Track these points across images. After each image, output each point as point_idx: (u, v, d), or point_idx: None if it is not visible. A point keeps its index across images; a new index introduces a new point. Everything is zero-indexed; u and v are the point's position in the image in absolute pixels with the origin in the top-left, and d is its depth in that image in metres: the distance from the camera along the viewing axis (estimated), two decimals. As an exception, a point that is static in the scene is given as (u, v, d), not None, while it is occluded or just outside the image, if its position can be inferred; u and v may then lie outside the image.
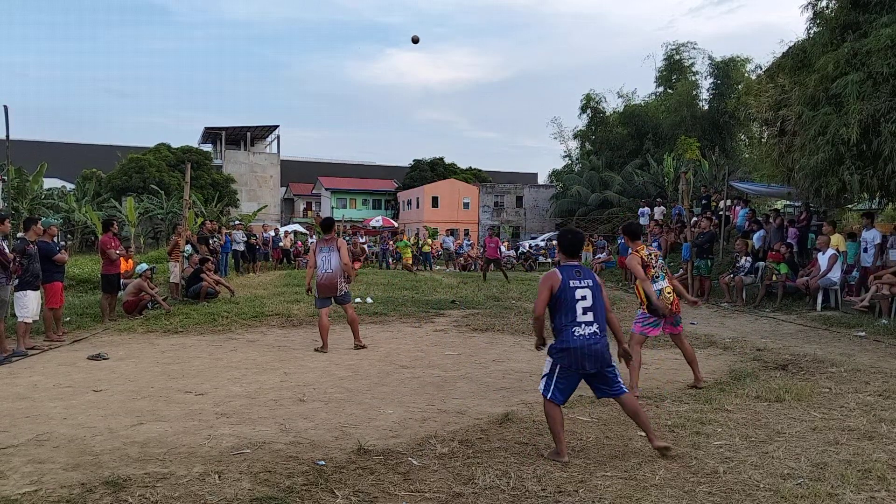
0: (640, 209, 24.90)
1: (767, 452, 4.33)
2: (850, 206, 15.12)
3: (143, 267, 11.94)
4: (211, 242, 16.43)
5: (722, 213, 17.74)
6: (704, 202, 19.84)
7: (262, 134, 61.13)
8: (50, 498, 3.62)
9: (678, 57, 43.83)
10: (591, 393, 6.00)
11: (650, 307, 6.11)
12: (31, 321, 8.38)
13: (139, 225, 33.65)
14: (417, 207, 52.47)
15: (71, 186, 40.49)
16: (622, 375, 4.62)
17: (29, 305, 8.28)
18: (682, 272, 14.89)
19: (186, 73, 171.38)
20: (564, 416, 5.23)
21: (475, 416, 5.35)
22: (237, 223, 23.06)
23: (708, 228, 14.48)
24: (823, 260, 11.53)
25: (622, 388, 4.49)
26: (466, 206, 51.01)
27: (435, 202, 50.92)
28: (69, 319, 10.23)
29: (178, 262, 12.88)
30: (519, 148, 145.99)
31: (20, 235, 8.77)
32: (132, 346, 8.69)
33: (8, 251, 7.84)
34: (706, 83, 42.45)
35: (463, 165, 62.26)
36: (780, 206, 21.12)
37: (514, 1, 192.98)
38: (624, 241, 10.90)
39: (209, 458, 4.29)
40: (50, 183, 38.04)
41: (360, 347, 8.42)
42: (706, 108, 41.56)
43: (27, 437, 4.74)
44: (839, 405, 5.52)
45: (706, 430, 4.83)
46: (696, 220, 16.22)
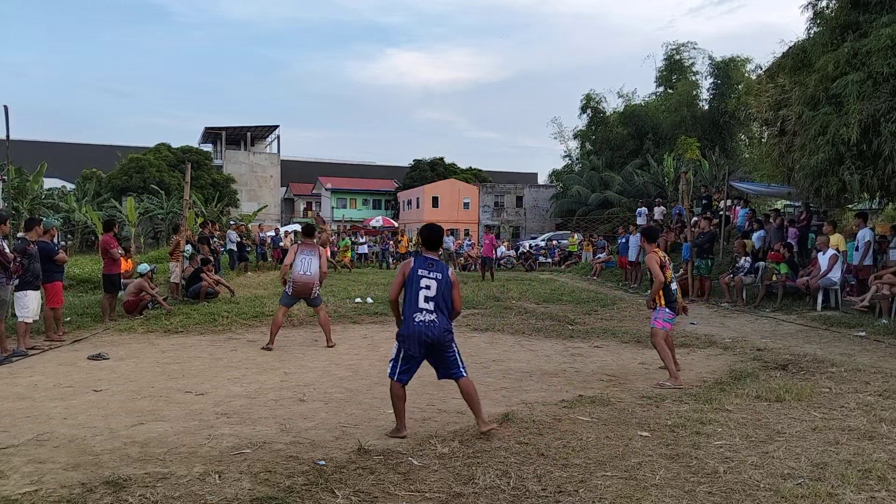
0: (637, 209, 24.94)
1: (768, 452, 4.33)
2: (850, 206, 15.11)
3: (143, 267, 11.93)
4: (212, 243, 16.43)
5: (722, 213, 17.72)
6: (704, 202, 19.81)
7: (262, 134, 61.18)
8: (50, 498, 3.62)
9: (678, 57, 43.89)
10: (591, 393, 6.07)
11: (669, 303, 6.53)
12: (31, 321, 8.38)
13: (139, 225, 33.64)
14: (417, 207, 52.44)
15: (71, 186, 40.51)
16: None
17: (29, 305, 8.27)
18: (682, 272, 14.91)
19: (186, 73, 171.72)
20: (565, 415, 5.27)
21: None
22: (234, 223, 23.04)
23: (708, 228, 14.49)
24: (824, 260, 11.52)
25: (460, 372, 4.83)
26: (466, 206, 50.97)
27: (435, 202, 50.89)
28: (69, 319, 10.22)
29: (178, 262, 12.88)
30: (519, 148, 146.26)
31: (20, 235, 8.77)
32: (132, 345, 8.69)
33: (8, 251, 7.84)
34: (706, 83, 42.58)
35: (463, 165, 62.25)
36: (780, 206, 21.12)
37: (514, 1, 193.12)
38: (641, 243, 11.27)
39: (209, 458, 4.29)
40: (50, 183, 38.06)
41: (330, 347, 8.59)
42: (706, 108, 41.58)
43: (27, 436, 4.74)
44: (839, 405, 5.52)
45: (706, 429, 4.83)
46: (696, 220, 16.23)
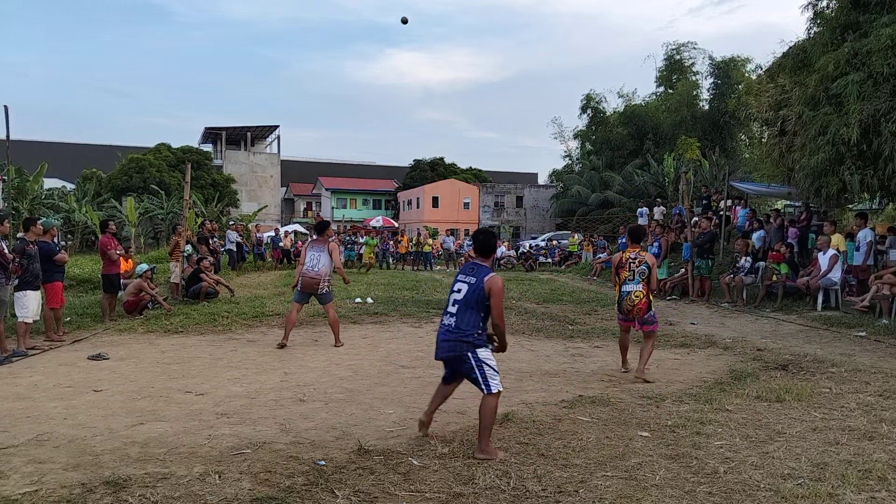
0: (638, 209, 24.94)
1: (768, 452, 4.33)
2: (850, 206, 15.11)
3: (143, 267, 11.92)
4: (211, 242, 16.44)
5: (722, 213, 17.73)
6: (705, 202, 19.82)
7: (262, 134, 61.16)
8: (50, 498, 3.61)
9: (678, 57, 43.92)
10: (591, 393, 6.07)
11: (617, 303, 7.01)
12: (31, 321, 8.37)
13: (139, 225, 33.65)
14: (418, 207, 52.42)
15: (71, 186, 40.52)
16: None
17: (29, 305, 8.27)
18: (682, 272, 14.91)
19: (186, 73, 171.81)
20: (565, 415, 5.27)
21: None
22: (233, 223, 23.02)
23: (708, 228, 14.48)
24: (824, 260, 11.52)
25: (481, 388, 4.40)
26: (467, 206, 51.00)
27: (435, 202, 50.88)
28: (69, 319, 10.22)
29: (178, 262, 12.88)
30: (519, 148, 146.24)
31: (20, 235, 8.76)
32: (132, 346, 8.68)
33: (7, 251, 7.84)
34: (706, 83, 42.64)
35: (463, 165, 62.23)
36: (780, 206, 21.13)
37: (514, 1, 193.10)
38: (625, 240, 11.29)
39: (209, 458, 4.29)
40: (50, 183, 38.09)
41: (337, 347, 8.56)
42: (706, 108, 41.61)
43: (27, 437, 4.73)
44: (839, 405, 5.52)
45: (706, 430, 4.83)
46: (696, 220, 16.24)
